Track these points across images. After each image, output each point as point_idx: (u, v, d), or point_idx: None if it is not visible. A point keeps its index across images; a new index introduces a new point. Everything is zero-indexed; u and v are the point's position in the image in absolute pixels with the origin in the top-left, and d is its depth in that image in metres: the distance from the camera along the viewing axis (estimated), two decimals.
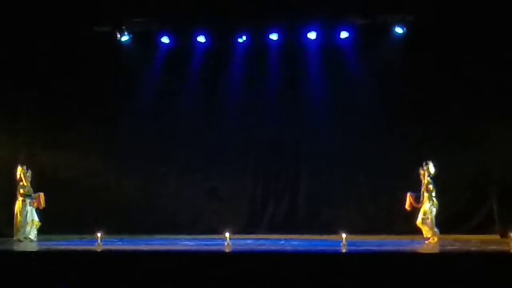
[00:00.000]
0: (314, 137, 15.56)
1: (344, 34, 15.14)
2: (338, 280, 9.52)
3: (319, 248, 12.04)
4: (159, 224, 15.16)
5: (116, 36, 15.13)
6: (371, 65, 15.17)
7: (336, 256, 10.64)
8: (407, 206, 13.06)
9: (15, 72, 15.10)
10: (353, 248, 11.31)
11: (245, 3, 14.22)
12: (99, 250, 11.50)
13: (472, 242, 12.67)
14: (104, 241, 12.41)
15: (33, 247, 12.88)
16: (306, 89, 15.61)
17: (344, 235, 11.69)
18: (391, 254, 11.06)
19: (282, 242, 13.19)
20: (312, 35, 15.19)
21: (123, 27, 15.04)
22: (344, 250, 11.16)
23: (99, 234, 12.40)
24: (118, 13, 14.78)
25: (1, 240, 14.04)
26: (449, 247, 11.82)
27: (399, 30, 14.84)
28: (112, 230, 13.62)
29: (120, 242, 12.91)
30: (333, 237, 13.13)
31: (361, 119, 15.23)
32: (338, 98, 15.40)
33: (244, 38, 15.28)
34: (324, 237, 13.89)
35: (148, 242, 13.08)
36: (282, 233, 14.76)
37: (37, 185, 14.26)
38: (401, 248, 12.01)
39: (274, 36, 15.28)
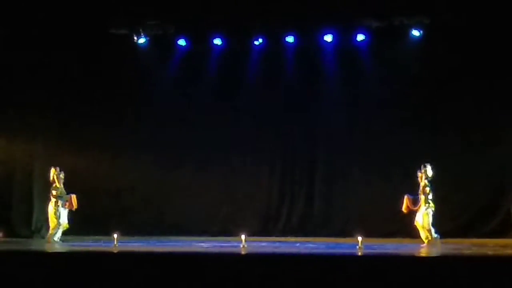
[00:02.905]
0: (329, 139, 15.54)
1: (360, 37, 15.11)
2: (354, 283, 9.49)
3: (335, 251, 12.02)
4: (174, 225, 15.19)
5: (133, 39, 15.19)
6: (388, 68, 15.12)
7: (352, 259, 10.61)
8: (404, 209, 13.12)
9: (31, 74, 15.19)
10: (369, 251, 11.29)
11: (261, 6, 14.21)
12: (115, 252, 11.56)
13: (489, 246, 12.58)
14: (120, 242, 12.47)
15: (48, 248, 12.97)
16: (322, 91, 15.59)
17: (360, 238, 11.66)
18: (407, 257, 11.03)
19: (297, 244, 13.18)
20: (328, 38, 15.17)
21: (140, 30, 15.10)
22: (360, 253, 11.13)
23: (115, 236, 12.47)
24: (135, 16, 14.83)
25: (18, 240, 14.15)
26: (465, 251, 11.75)
27: (415, 32, 14.78)
28: (127, 231, 13.68)
29: (136, 244, 12.95)
30: (348, 240, 13.10)
31: (377, 121, 15.19)
32: (353, 101, 15.39)
33: (260, 40, 15.30)
34: (340, 240, 13.86)
35: (163, 244, 13.12)
36: (297, 236, 14.77)
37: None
38: (417, 251, 11.96)
39: (290, 39, 15.29)
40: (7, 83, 15.06)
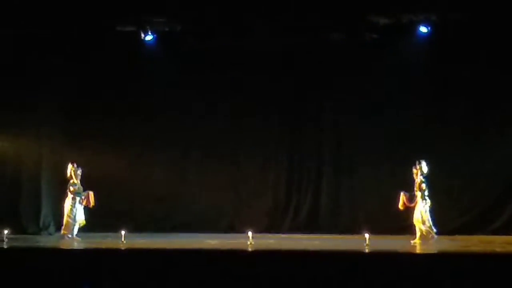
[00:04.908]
0: (336, 136, 15.50)
1: (369, 34, 15.03)
2: (362, 280, 9.49)
3: (342, 248, 12.00)
4: (181, 222, 15.20)
5: (140, 36, 15.18)
6: (395, 65, 15.04)
7: (359, 256, 10.61)
8: (400, 205, 13.09)
9: (37, 72, 15.20)
10: (376, 248, 11.27)
11: (265, 4, 14.19)
12: (122, 248, 11.59)
13: (497, 243, 12.55)
14: (127, 239, 12.49)
15: (55, 244, 13.02)
16: (329, 88, 15.54)
17: (367, 235, 11.65)
18: (415, 254, 11.03)
19: (304, 241, 13.17)
20: (336, 35, 15.09)
21: (147, 27, 15.09)
22: (367, 250, 11.12)
23: (122, 232, 12.50)
24: (142, 13, 14.83)
25: (26, 237, 14.18)
26: (474, 248, 11.73)
27: (423, 29, 14.72)
28: (134, 228, 13.70)
29: (143, 240, 12.97)
30: (356, 237, 13.09)
31: (384, 118, 15.13)
32: (361, 98, 15.30)
33: (266, 39, 15.22)
34: (347, 237, 13.84)
35: (170, 240, 13.14)
36: (304, 233, 14.76)
37: (61, 183, 14.45)
38: (425, 248, 11.95)
39: (297, 37, 15.20)
40: (13, 81, 15.08)
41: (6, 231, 12.71)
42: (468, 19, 14.19)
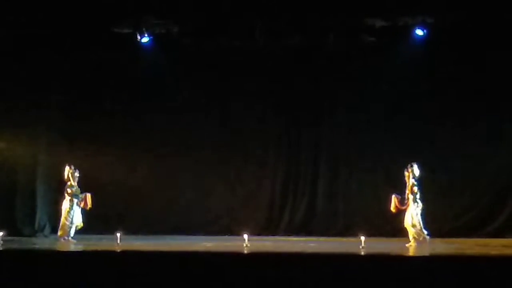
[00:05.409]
0: (332, 139, 15.53)
1: (364, 37, 15.05)
2: (357, 283, 9.50)
3: (338, 250, 12.02)
4: (177, 225, 15.19)
5: (137, 38, 15.18)
6: (391, 67, 15.08)
7: (354, 258, 10.62)
8: (392, 208, 13.13)
9: (34, 74, 15.20)
10: (372, 250, 11.28)
11: (265, 4, 14.20)
12: (118, 250, 11.58)
13: (492, 246, 12.58)
14: (123, 241, 12.48)
15: (51, 246, 13.00)
16: (326, 90, 15.57)
17: (362, 238, 11.67)
18: (410, 257, 11.04)
19: (300, 244, 13.19)
20: (333, 37, 15.11)
21: (144, 29, 15.08)
22: (362, 253, 11.14)
23: (118, 235, 12.49)
24: (138, 14, 14.83)
25: (22, 239, 14.15)
26: (468, 251, 11.75)
27: (419, 32, 14.76)
28: (130, 230, 13.69)
29: (139, 243, 12.97)
30: (351, 239, 13.10)
31: (381, 121, 15.18)
32: (357, 101, 15.35)
33: (263, 41, 15.23)
34: (343, 239, 13.86)
35: (166, 243, 13.13)
36: (300, 235, 14.77)
37: (56, 185, 14.43)
38: (421, 250, 11.96)
39: (294, 39, 15.21)
40: (10, 82, 15.07)
41: (1, 233, 12.68)
42: (464, 22, 14.24)
